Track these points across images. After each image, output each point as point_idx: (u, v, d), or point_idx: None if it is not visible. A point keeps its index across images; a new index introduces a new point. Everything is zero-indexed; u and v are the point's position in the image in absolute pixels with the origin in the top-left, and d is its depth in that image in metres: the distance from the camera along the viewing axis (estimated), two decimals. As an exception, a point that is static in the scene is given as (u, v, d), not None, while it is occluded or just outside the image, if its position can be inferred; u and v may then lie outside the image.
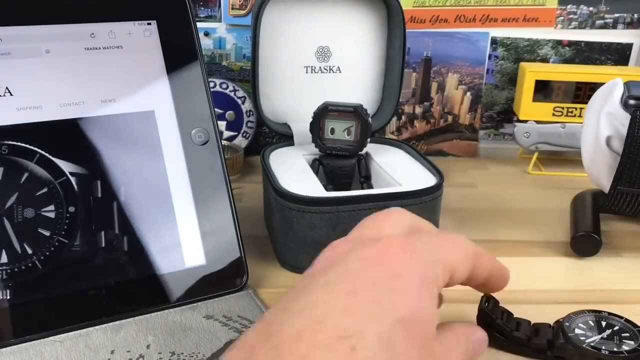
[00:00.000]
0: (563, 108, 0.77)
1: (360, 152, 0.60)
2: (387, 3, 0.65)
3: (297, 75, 0.66)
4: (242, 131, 0.79)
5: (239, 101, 0.79)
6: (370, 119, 0.59)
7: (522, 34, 0.80)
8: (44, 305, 0.42)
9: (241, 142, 0.79)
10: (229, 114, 0.79)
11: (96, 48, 0.47)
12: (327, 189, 0.53)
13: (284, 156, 0.61)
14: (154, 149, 0.47)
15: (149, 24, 0.49)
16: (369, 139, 0.59)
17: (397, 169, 0.58)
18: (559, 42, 0.80)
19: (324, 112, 0.59)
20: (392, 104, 0.66)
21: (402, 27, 0.64)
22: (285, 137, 0.65)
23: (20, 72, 0.44)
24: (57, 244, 0.43)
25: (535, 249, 0.58)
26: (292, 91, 0.66)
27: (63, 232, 0.43)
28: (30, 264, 0.42)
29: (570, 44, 0.80)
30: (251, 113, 0.79)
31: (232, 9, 0.76)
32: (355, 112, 0.58)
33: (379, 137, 0.66)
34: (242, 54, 0.79)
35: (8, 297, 0.41)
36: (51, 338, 0.41)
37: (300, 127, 0.64)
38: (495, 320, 0.41)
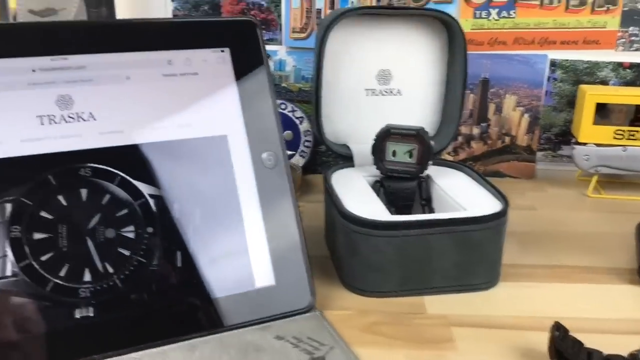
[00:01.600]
0: (624, 131, 0.77)
1: (421, 175, 0.61)
2: (448, 26, 0.65)
3: (358, 97, 0.67)
4: (299, 150, 0.81)
5: (297, 121, 0.80)
6: (432, 142, 0.59)
7: (582, 56, 0.80)
8: (124, 323, 0.43)
9: (298, 161, 0.80)
10: (287, 133, 0.80)
11: (173, 75, 0.49)
12: (389, 211, 0.54)
13: (346, 178, 0.61)
14: (227, 172, 0.49)
15: (222, 51, 0.51)
16: (430, 162, 0.60)
17: (459, 192, 0.58)
18: (619, 65, 0.80)
19: (386, 135, 0.60)
20: (452, 127, 0.67)
21: (464, 50, 0.64)
22: (342, 157, 0.66)
23: (103, 98, 0.46)
24: (136, 263, 0.45)
25: (600, 275, 0.57)
26: (353, 113, 0.67)
27: (142, 252, 0.45)
28: (111, 283, 0.44)
29: (632, 66, 0.79)
30: (309, 133, 0.81)
31: (293, 32, 0.78)
32: (417, 135, 0.59)
33: (439, 160, 0.67)
34: (301, 75, 0.81)
35: (91, 315, 0.43)
36: (130, 355, 0.42)
37: (360, 148, 0.65)
38: (566, 350, 0.41)
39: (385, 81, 0.67)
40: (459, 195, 0.58)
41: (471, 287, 0.53)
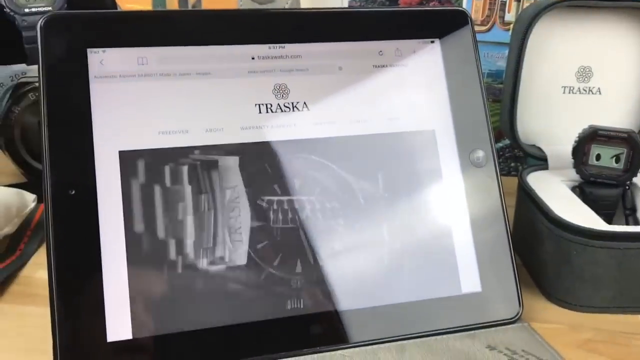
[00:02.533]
0: None
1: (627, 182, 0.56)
2: (661, 21, 0.59)
3: (553, 95, 0.62)
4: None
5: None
6: (644, 147, 0.54)
7: None
8: (330, 318, 0.42)
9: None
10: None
11: (384, 66, 0.48)
12: (600, 221, 0.50)
13: (543, 181, 0.57)
14: (434, 169, 0.47)
15: (432, 42, 0.49)
16: (640, 169, 0.55)
17: (675, 203, 0.53)
18: None
19: (591, 137, 0.55)
20: (658, 130, 0.61)
21: (681, 48, 0.58)
22: (516, 159, 0.62)
23: (317, 88, 0.46)
24: (344, 257, 0.44)
25: None
26: (547, 112, 0.63)
27: (350, 247, 0.44)
28: (321, 276, 0.43)
29: None
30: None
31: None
32: (628, 138, 0.54)
33: None
34: (477, 70, 0.77)
35: (301, 307, 0.42)
36: (340, 352, 0.41)
37: (555, 150, 0.61)
38: None
39: (585, 79, 0.62)
40: (676, 206, 0.52)
41: (693, 310, 0.48)
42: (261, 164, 0.43)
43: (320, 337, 0.42)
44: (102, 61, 0.42)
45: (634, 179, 0.57)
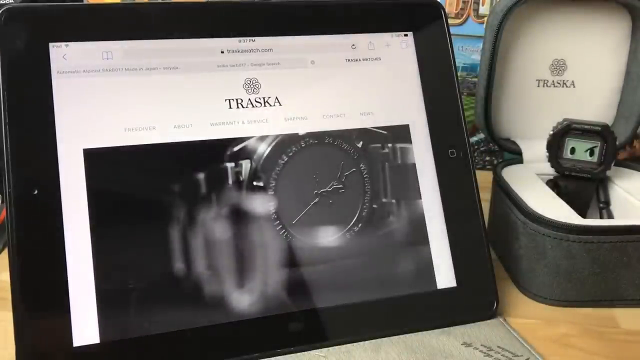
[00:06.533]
0: None
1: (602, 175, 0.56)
2: (633, 12, 0.59)
3: (527, 89, 0.62)
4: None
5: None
6: (617, 141, 0.54)
7: None
8: (306, 317, 0.42)
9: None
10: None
11: (357, 60, 0.47)
12: (575, 215, 0.49)
13: (517, 175, 0.57)
14: (408, 164, 0.46)
15: (405, 35, 0.48)
16: (613, 162, 0.55)
17: (649, 196, 0.53)
18: None
19: (565, 130, 0.55)
20: (631, 124, 0.61)
21: (653, 41, 0.58)
22: (491, 153, 0.62)
23: (289, 83, 0.45)
24: (319, 256, 0.43)
25: None
26: (521, 106, 0.62)
27: (325, 245, 0.43)
28: (293, 274, 0.42)
29: None
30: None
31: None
32: (602, 132, 0.54)
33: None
34: (452, 63, 0.76)
35: (275, 306, 0.41)
36: (315, 352, 0.41)
37: (529, 143, 0.60)
38: None
39: (559, 72, 0.62)
40: (650, 200, 0.52)
41: (666, 303, 0.48)
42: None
43: (295, 336, 0.41)
44: (65, 56, 0.40)
45: (607, 172, 0.57)
